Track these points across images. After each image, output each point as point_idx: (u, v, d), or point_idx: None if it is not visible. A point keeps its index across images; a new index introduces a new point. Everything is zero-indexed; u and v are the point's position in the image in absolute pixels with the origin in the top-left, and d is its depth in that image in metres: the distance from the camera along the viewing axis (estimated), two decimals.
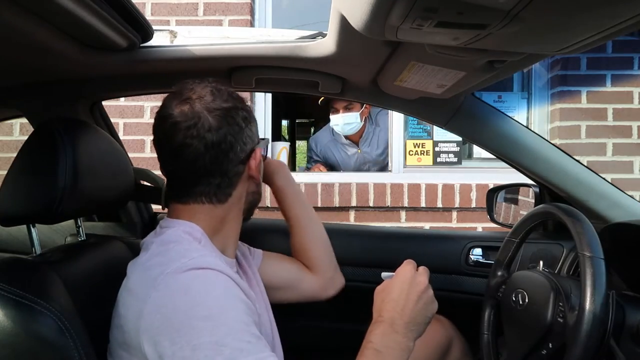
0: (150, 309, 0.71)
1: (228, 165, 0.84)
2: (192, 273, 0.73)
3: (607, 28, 0.61)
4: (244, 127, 0.85)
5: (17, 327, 0.69)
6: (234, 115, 0.84)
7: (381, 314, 0.83)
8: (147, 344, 0.71)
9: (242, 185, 0.89)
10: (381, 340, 0.80)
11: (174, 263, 0.74)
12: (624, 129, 2.57)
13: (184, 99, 0.82)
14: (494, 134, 1.21)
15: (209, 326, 0.69)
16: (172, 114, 0.81)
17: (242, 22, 2.48)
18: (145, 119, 2.49)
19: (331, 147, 2.78)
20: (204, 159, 0.82)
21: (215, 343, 0.68)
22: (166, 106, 0.83)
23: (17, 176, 0.84)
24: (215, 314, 0.70)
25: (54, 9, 0.72)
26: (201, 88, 0.84)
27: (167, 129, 0.82)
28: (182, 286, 0.72)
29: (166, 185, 0.89)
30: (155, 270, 0.75)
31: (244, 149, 0.86)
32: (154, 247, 0.81)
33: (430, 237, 1.49)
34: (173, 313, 0.70)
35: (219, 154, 0.82)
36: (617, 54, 2.58)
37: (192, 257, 0.75)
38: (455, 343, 1.24)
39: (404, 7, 0.57)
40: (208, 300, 0.71)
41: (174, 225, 0.84)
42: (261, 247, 1.14)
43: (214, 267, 0.75)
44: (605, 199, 1.19)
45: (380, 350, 0.78)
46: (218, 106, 0.82)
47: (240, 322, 0.71)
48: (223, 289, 0.74)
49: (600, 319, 0.80)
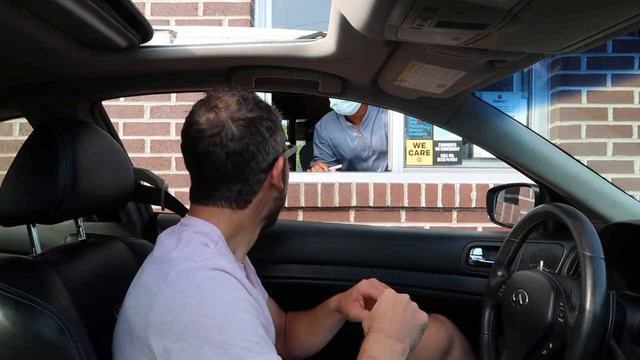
0: (161, 304, 0.73)
1: (249, 174, 0.86)
2: (204, 273, 0.75)
3: (607, 28, 0.61)
4: (267, 137, 0.87)
5: (17, 327, 0.69)
6: (258, 125, 0.86)
7: (372, 326, 0.87)
8: (155, 338, 0.72)
9: (263, 193, 0.91)
10: (374, 347, 0.82)
11: (187, 262, 0.76)
12: (624, 128, 2.56)
13: (211, 106, 0.85)
14: (494, 134, 1.21)
15: (217, 325, 0.70)
16: (198, 121, 0.84)
17: (242, 22, 2.48)
18: (145, 119, 2.49)
19: (335, 130, 2.79)
20: (225, 166, 0.84)
21: (223, 342, 0.69)
22: (194, 113, 0.86)
23: (17, 176, 0.84)
24: (224, 314, 0.72)
25: (54, 9, 0.72)
26: (229, 96, 0.86)
27: (193, 135, 0.84)
28: (194, 284, 0.74)
29: (190, 185, 0.91)
30: (169, 266, 0.76)
31: (267, 159, 0.88)
32: (170, 243, 0.83)
33: (430, 237, 1.49)
34: (183, 310, 0.72)
35: (241, 162, 0.85)
36: (617, 54, 2.58)
37: (206, 258, 0.78)
38: (457, 343, 1.25)
39: (404, 7, 0.57)
40: (217, 301, 0.73)
41: (194, 224, 0.86)
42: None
43: (226, 269, 0.77)
44: (606, 198, 1.19)
45: (374, 356, 0.81)
46: (243, 116, 0.84)
47: (248, 324, 0.73)
48: (233, 291, 0.76)
49: (601, 319, 0.80)
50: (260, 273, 1.10)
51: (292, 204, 2.44)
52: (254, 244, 0.98)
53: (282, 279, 1.39)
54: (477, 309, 1.14)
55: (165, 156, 2.49)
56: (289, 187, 1.02)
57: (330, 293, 1.19)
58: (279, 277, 1.38)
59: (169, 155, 2.50)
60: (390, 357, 0.81)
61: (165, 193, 1.27)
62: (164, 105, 2.48)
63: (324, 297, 1.18)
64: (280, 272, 1.39)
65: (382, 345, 0.83)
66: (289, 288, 1.39)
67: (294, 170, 2.93)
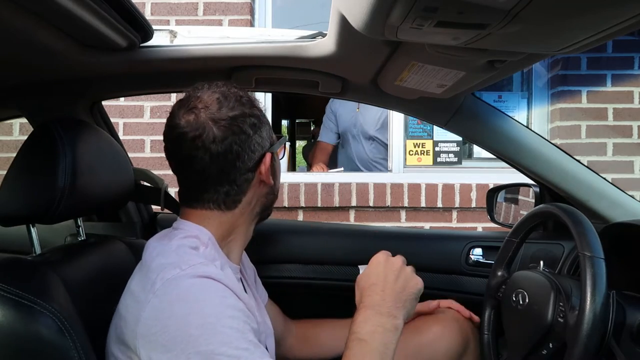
0: (148, 314, 0.71)
1: (236, 174, 0.84)
2: (190, 281, 0.73)
3: (607, 28, 0.61)
4: (251, 134, 0.84)
5: (16, 327, 0.69)
6: (241, 123, 0.82)
7: (362, 300, 0.84)
8: (143, 348, 0.71)
9: (253, 191, 0.88)
10: (363, 328, 0.79)
11: (173, 269, 0.74)
12: (624, 128, 2.56)
13: (190, 107, 0.81)
14: (494, 134, 1.21)
15: (204, 334, 0.68)
16: (178, 124, 0.81)
17: (242, 22, 2.48)
18: (145, 119, 2.49)
19: (344, 105, 2.80)
20: (210, 169, 0.82)
21: (211, 352, 0.67)
22: (174, 115, 0.83)
23: (16, 176, 0.84)
24: (211, 322, 0.70)
25: (54, 9, 0.72)
26: (208, 95, 0.83)
27: (174, 138, 0.82)
28: (180, 293, 0.72)
29: (178, 189, 0.90)
30: (155, 274, 0.75)
31: (252, 157, 0.85)
32: (157, 248, 0.81)
33: (430, 237, 1.49)
34: (170, 320, 0.70)
35: (225, 164, 0.82)
36: (617, 54, 2.58)
37: (193, 265, 0.75)
38: (472, 344, 1.22)
39: (404, 7, 0.56)
40: (204, 309, 0.71)
41: (184, 227, 0.85)
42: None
43: (213, 276, 0.75)
44: (606, 198, 1.19)
45: (363, 338, 0.78)
46: (224, 115, 0.81)
47: (237, 330, 0.71)
48: (220, 298, 0.73)
49: (601, 319, 0.80)
50: (260, 273, 1.10)
51: (292, 204, 2.44)
52: (254, 244, 0.98)
53: (282, 279, 1.38)
54: (477, 309, 1.14)
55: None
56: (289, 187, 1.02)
57: (330, 293, 1.20)
58: (278, 277, 1.38)
59: None
60: (381, 338, 0.78)
61: (165, 193, 1.26)
62: (164, 105, 2.48)
63: (324, 297, 1.19)
64: (280, 272, 1.39)
65: (372, 324, 0.79)
66: (289, 288, 1.39)
67: (294, 171, 2.93)
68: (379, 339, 0.78)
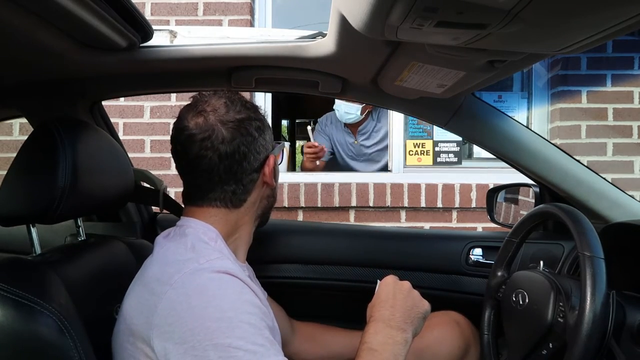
0: (165, 305, 0.73)
1: (242, 174, 0.88)
2: (208, 275, 0.75)
3: (607, 28, 0.61)
4: (257, 136, 0.89)
5: (17, 327, 0.69)
6: (247, 126, 0.87)
7: (372, 314, 0.86)
8: (158, 339, 0.72)
9: (257, 192, 0.92)
10: (375, 338, 0.81)
11: (191, 263, 0.76)
12: (624, 128, 2.56)
13: (199, 111, 0.86)
14: (494, 134, 1.21)
15: (222, 328, 0.70)
16: (187, 126, 0.85)
17: (242, 22, 2.48)
18: (145, 119, 2.49)
19: (336, 130, 2.79)
20: (218, 168, 0.85)
21: (228, 345, 0.69)
22: (182, 118, 0.87)
23: (16, 176, 0.84)
24: (230, 316, 0.71)
25: (54, 9, 0.72)
26: (215, 100, 0.87)
27: (183, 140, 0.85)
28: (199, 287, 0.74)
29: (183, 189, 0.92)
30: (173, 267, 0.76)
31: (258, 158, 0.89)
32: (171, 244, 0.83)
33: (430, 237, 1.49)
34: (187, 312, 0.71)
35: (233, 163, 0.86)
36: (617, 54, 2.58)
37: (210, 259, 0.77)
38: (473, 348, 1.22)
39: (404, 7, 0.56)
40: (223, 303, 0.72)
41: (190, 224, 0.87)
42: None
43: (231, 271, 0.77)
44: (605, 198, 1.19)
45: (374, 348, 0.80)
46: (232, 118, 0.86)
47: (254, 326, 0.72)
48: (238, 293, 0.75)
49: (601, 319, 0.80)
50: (259, 273, 1.10)
51: (292, 204, 2.44)
52: (254, 244, 0.98)
53: (281, 279, 1.38)
54: (477, 309, 1.13)
55: (165, 156, 2.49)
56: (289, 187, 1.02)
57: (330, 293, 1.20)
58: (278, 277, 1.38)
59: (169, 155, 2.47)
60: (391, 349, 0.81)
61: (164, 195, 1.26)
62: (164, 105, 2.48)
63: (324, 297, 1.19)
64: (280, 272, 1.39)
65: (383, 336, 0.82)
66: (289, 288, 1.39)
67: (294, 170, 2.93)
68: (390, 349, 0.81)
